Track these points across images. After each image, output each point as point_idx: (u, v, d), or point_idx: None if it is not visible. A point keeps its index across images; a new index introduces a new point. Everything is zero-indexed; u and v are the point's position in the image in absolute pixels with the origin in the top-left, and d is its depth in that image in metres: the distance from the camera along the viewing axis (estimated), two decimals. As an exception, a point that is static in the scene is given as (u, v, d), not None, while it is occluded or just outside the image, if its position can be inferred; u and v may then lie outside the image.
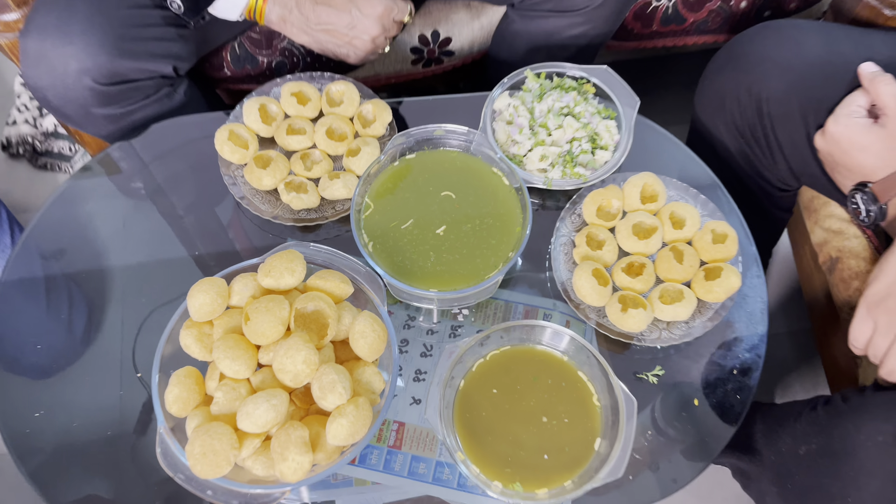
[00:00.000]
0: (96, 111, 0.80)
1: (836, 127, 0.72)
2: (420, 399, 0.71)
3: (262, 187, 0.75)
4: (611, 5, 0.84)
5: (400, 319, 0.74)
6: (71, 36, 0.76)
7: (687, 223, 0.73)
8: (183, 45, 0.85)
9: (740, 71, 0.81)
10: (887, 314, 0.64)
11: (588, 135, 0.77)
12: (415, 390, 0.71)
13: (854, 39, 0.79)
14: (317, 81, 0.82)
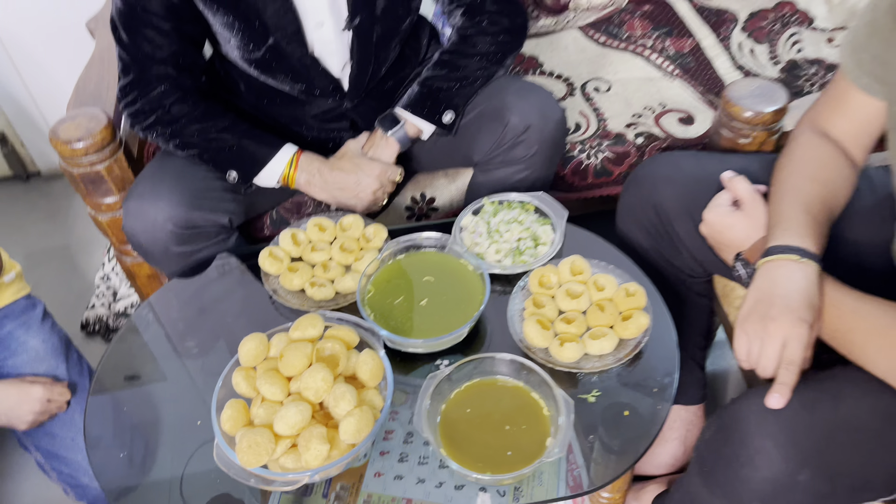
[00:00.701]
0: (173, 249, 1.10)
1: (710, 216, 1.00)
2: (424, 478, 0.86)
3: (292, 287, 1.02)
4: (542, 154, 1.17)
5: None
6: (160, 197, 1.09)
7: (607, 287, 0.98)
8: (236, 205, 1.18)
9: (642, 188, 1.11)
10: (753, 324, 0.86)
11: (530, 235, 1.05)
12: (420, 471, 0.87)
13: (718, 159, 1.09)
14: (334, 217, 1.13)
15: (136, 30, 1.10)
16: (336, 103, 1.22)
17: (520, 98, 1.15)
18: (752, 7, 1.64)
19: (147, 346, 1.05)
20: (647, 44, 1.58)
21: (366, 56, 1.17)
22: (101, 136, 1.17)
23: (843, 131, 1.00)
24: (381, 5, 1.13)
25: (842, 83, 0.98)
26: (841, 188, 0.98)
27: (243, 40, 1.13)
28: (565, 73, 1.54)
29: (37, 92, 1.88)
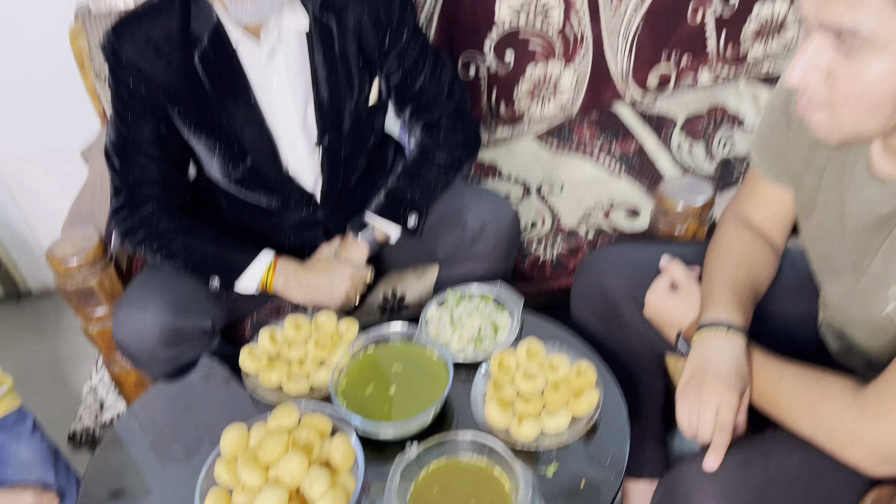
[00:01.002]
0: (160, 353, 1.18)
1: (651, 298, 1.10)
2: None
3: (270, 384, 1.10)
4: (499, 250, 1.28)
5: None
6: (148, 304, 1.18)
7: (560, 367, 1.06)
8: (218, 310, 1.27)
9: (590, 276, 1.22)
10: (690, 394, 0.95)
11: (490, 324, 1.14)
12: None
13: (656, 247, 1.21)
14: (309, 315, 1.22)
15: (128, 157, 1.22)
16: (310, 213, 1.34)
17: (475, 201, 1.28)
18: (688, 112, 1.81)
19: (131, 455, 1.10)
20: (596, 147, 1.74)
21: (335, 171, 1.30)
22: (94, 253, 1.28)
23: (761, 218, 1.12)
24: (348, 126, 1.27)
25: (754, 176, 1.11)
26: (763, 268, 1.09)
27: (224, 162, 1.26)
28: (522, 177, 1.68)
29: (31, 216, 2.00)
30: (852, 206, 0.91)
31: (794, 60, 0.75)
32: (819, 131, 0.79)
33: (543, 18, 1.76)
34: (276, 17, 1.14)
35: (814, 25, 0.72)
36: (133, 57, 1.15)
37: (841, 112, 0.74)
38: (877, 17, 0.67)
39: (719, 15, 1.85)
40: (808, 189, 0.99)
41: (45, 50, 1.71)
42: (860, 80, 0.71)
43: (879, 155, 0.87)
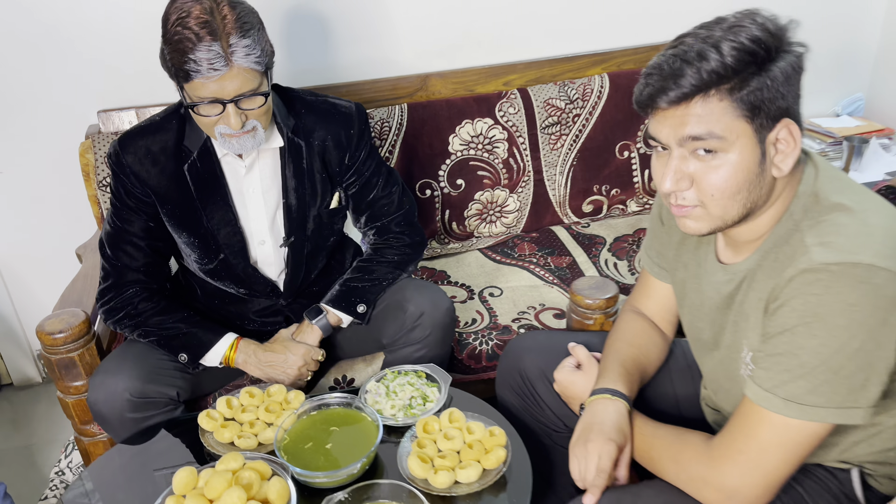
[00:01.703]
0: (128, 416, 1.34)
1: (558, 375, 1.29)
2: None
3: (223, 440, 1.25)
4: (435, 335, 1.47)
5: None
6: (121, 372, 1.35)
7: (476, 431, 1.23)
8: (184, 382, 1.44)
9: (510, 358, 1.40)
10: (578, 448, 1.12)
11: (420, 395, 1.32)
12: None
13: (567, 335, 1.41)
14: (262, 387, 1.38)
15: (119, 246, 1.44)
16: (273, 301, 1.54)
17: (416, 292, 1.49)
18: (616, 233, 2.07)
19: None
20: (534, 260, 1.97)
21: (298, 265, 1.52)
22: (79, 330, 1.46)
23: (651, 310, 1.34)
24: (311, 227, 1.50)
25: (644, 274, 1.34)
26: (651, 351, 1.29)
27: (201, 255, 1.47)
28: (468, 283, 1.90)
29: (22, 311, 2.17)
30: (707, 290, 1.12)
31: (662, 174, 0.98)
32: (691, 227, 1.00)
33: (490, 151, 2.06)
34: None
35: (674, 144, 0.95)
36: (133, 164, 1.39)
37: (711, 205, 0.96)
38: (724, 123, 0.91)
39: (643, 153, 2.16)
40: (680, 281, 1.21)
41: (55, 161, 1.97)
42: (720, 175, 0.94)
43: (723, 246, 1.10)
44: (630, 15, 2.19)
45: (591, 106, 2.10)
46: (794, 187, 1.00)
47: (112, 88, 1.93)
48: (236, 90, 1.24)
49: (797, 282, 0.92)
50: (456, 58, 2.11)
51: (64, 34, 1.86)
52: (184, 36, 1.20)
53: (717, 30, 0.92)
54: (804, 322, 0.91)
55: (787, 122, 0.94)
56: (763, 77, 0.90)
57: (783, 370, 0.94)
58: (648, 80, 0.95)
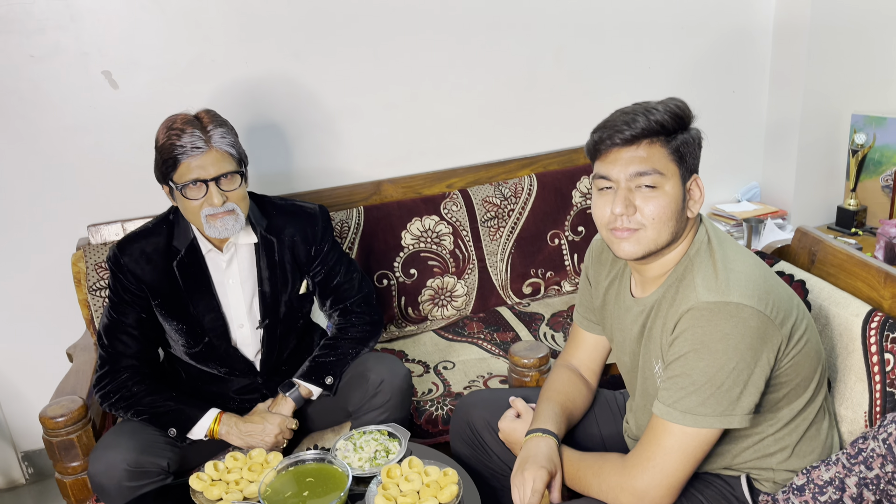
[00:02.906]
0: (125, 484, 1.51)
1: (501, 424, 1.52)
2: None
3: (212, 497, 1.43)
4: (395, 400, 1.68)
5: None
6: (119, 445, 1.53)
7: (431, 473, 1.44)
8: (174, 454, 1.62)
9: (459, 413, 1.63)
10: (516, 477, 1.33)
11: (383, 448, 1.53)
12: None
13: (507, 391, 1.64)
14: (244, 451, 1.57)
15: (115, 335, 1.65)
16: (251, 380, 1.76)
17: (376, 362, 1.72)
18: (553, 310, 2.35)
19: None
20: (482, 337, 2.22)
21: (272, 345, 1.74)
22: (77, 414, 1.64)
23: (580, 360, 1.59)
24: (283, 311, 1.74)
25: (575, 329, 1.60)
26: (578, 397, 1.53)
27: (187, 340, 1.69)
28: (424, 360, 2.14)
29: (9, 414, 2.32)
30: (626, 324, 1.39)
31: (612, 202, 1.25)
32: (628, 250, 1.26)
33: (438, 243, 2.34)
34: (234, 237, 1.66)
35: (623, 178, 1.24)
36: (130, 264, 1.63)
37: (650, 228, 1.23)
38: (663, 163, 1.22)
39: (571, 240, 2.47)
40: (608, 326, 1.48)
41: (46, 270, 2.18)
42: (658, 203, 1.22)
43: (634, 285, 1.38)
44: (551, 124, 2.56)
45: (523, 202, 2.42)
46: (691, 236, 1.30)
47: (100, 205, 2.18)
48: (216, 170, 1.53)
49: (687, 317, 1.20)
50: (404, 165, 2.44)
51: (58, 160, 2.13)
52: (172, 133, 1.53)
53: (650, 103, 1.26)
54: (694, 349, 1.19)
55: (696, 177, 1.27)
56: (686, 135, 1.25)
57: (679, 388, 1.20)
58: (602, 131, 1.25)
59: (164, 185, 1.59)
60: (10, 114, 2.06)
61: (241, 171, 1.58)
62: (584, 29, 2.50)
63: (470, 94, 2.45)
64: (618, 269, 1.46)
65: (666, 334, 1.25)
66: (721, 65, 2.70)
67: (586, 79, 2.56)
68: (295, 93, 2.27)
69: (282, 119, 2.28)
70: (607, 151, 1.26)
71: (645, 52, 2.59)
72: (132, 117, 2.13)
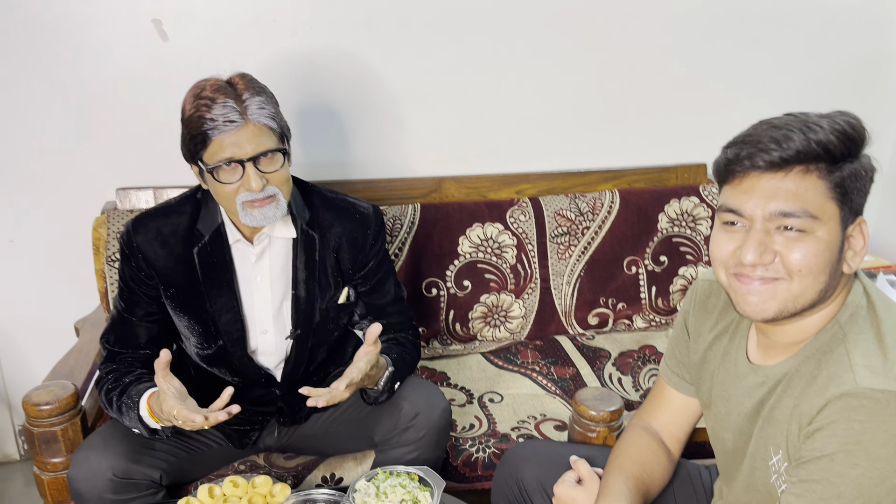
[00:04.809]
0: (107, 497, 1.27)
1: (558, 489, 1.23)
2: None
3: (202, 531, 1.19)
4: (430, 438, 1.42)
5: None
6: (107, 449, 1.30)
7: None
8: (168, 465, 1.38)
9: (508, 466, 1.35)
10: None
11: (411, 499, 1.25)
12: None
13: (569, 446, 1.36)
14: (247, 477, 1.32)
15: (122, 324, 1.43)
16: (268, 391, 1.50)
17: (412, 390, 1.45)
18: (621, 348, 2.04)
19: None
20: (536, 368, 1.94)
21: (300, 357, 1.48)
22: (66, 402, 1.41)
23: (662, 423, 1.30)
24: (317, 320, 1.47)
25: (661, 385, 1.31)
26: (656, 469, 1.24)
27: (199, 340, 1.44)
28: (468, 387, 1.86)
29: (10, 382, 2.13)
30: (736, 395, 1.09)
31: (728, 242, 0.96)
32: (757, 306, 0.95)
33: (499, 255, 2.07)
34: (269, 227, 1.39)
35: (759, 216, 0.93)
36: (142, 244, 1.39)
37: (797, 279, 0.93)
38: (818, 203, 0.90)
39: (651, 270, 2.16)
40: (706, 390, 1.18)
41: (67, 233, 1.98)
42: (809, 250, 0.91)
43: (754, 348, 1.08)
44: (643, 137, 2.25)
45: (601, 220, 2.13)
46: (843, 296, 0.98)
47: (132, 168, 1.97)
48: (254, 149, 1.26)
49: (839, 405, 0.89)
50: (471, 164, 2.17)
51: (94, 113, 1.92)
52: (201, 103, 1.26)
53: (810, 116, 0.93)
54: (845, 450, 0.88)
55: (861, 221, 0.94)
56: (856, 164, 0.91)
57: (818, 499, 0.90)
58: (740, 147, 0.94)
59: (192, 166, 1.34)
60: (46, 54, 1.86)
61: (283, 148, 1.32)
62: (694, 33, 2.18)
63: (555, 93, 2.16)
64: (730, 322, 1.16)
65: (799, 421, 0.95)
66: (845, 91, 2.34)
67: (689, 89, 2.24)
68: (359, 68, 2.01)
69: (341, 98, 2.03)
70: (743, 175, 0.94)
71: (760, 68, 2.25)
72: (179, 74, 1.89)
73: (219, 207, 1.40)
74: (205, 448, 1.48)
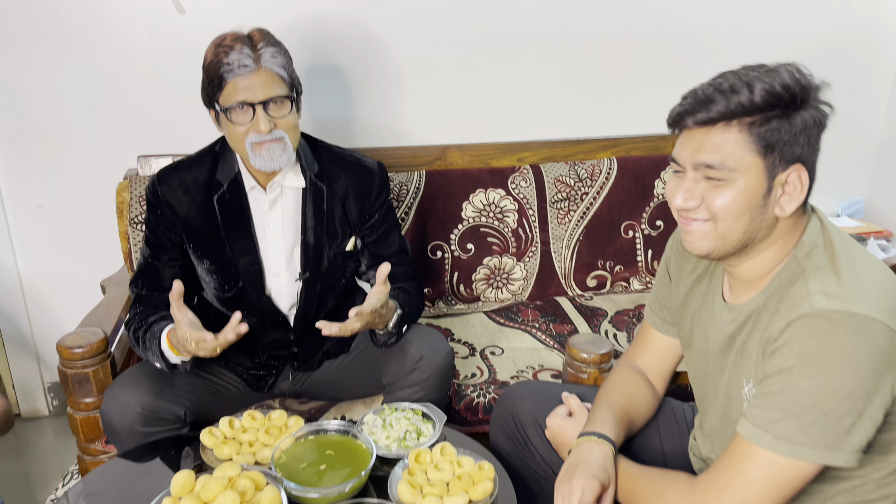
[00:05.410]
0: (137, 429, 1.39)
1: (550, 421, 1.34)
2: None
3: (222, 456, 1.30)
4: (434, 379, 1.52)
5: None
6: (135, 386, 1.41)
7: (465, 464, 1.27)
8: (192, 404, 1.49)
9: (504, 403, 1.45)
10: (563, 484, 1.15)
11: (415, 429, 1.36)
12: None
13: (561, 385, 1.46)
14: (264, 412, 1.43)
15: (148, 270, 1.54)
16: (283, 335, 1.61)
17: (417, 336, 1.55)
18: (618, 307, 2.14)
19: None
20: (536, 325, 2.04)
21: (310, 301, 1.59)
22: (97, 347, 1.53)
23: (647, 362, 1.39)
24: (325, 266, 1.58)
25: (645, 328, 1.40)
26: (641, 403, 1.34)
27: (219, 283, 1.55)
28: (471, 341, 1.97)
29: (40, 340, 2.25)
30: (712, 332, 1.18)
31: (674, 193, 1.07)
32: (693, 244, 1.07)
33: (501, 220, 2.16)
34: (280, 176, 1.51)
35: (689, 166, 1.04)
36: (167, 194, 1.50)
37: (717, 222, 1.03)
38: (737, 156, 1.00)
39: (647, 234, 2.25)
40: (686, 330, 1.28)
41: (92, 198, 2.10)
42: (726, 196, 1.02)
43: (728, 289, 1.17)
44: (640, 106, 2.33)
45: (599, 186, 2.22)
46: (797, 234, 1.07)
47: (153, 136, 2.08)
48: (265, 93, 1.38)
49: (797, 325, 0.98)
50: (474, 132, 2.26)
51: (116, 85, 2.03)
52: (220, 50, 1.40)
53: (755, 71, 1.02)
54: (801, 363, 0.97)
55: (798, 168, 1.02)
56: (784, 121, 1.00)
57: (776, 408, 0.99)
58: (683, 102, 1.05)
59: (210, 110, 1.47)
60: (72, 29, 1.97)
61: (291, 96, 1.44)
62: (691, 4, 2.26)
63: (556, 63, 2.25)
64: (707, 265, 1.25)
65: (764, 348, 1.04)
66: (839, 61, 2.42)
67: (686, 59, 2.32)
68: (366, 36, 2.11)
69: (348, 64, 2.14)
70: (682, 129, 1.06)
71: (755, 37, 2.33)
72: (195, 47, 1.97)
73: (236, 158, 1.51)
74: (224, 391, 1.59)
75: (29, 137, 2.06)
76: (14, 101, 2.02)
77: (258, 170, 1.46)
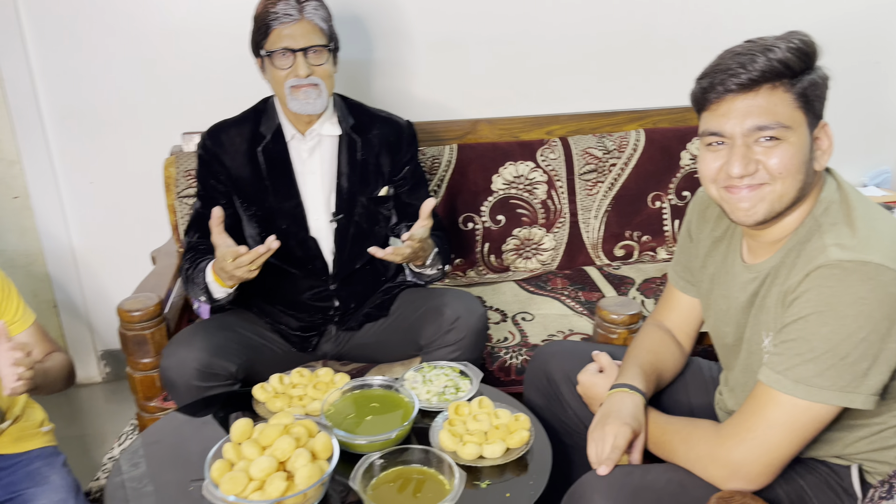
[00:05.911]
0: (194, 383, 1.49)
1: (581, 377, 1.41)
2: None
3: (274, 409, 1.39)
4: (469, 339, 1.60)
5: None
6: (191, 344, 1.51)
7: (502, 416, 1.35)
8: (242, 361, 1.58)
9: (538, 361, 1.53)
10: (596, 431, 1.22)
11: (453, 385, 1.45)
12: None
13: (591, 345, 1.53)
14: (312, 368, 1.53)
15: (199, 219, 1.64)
16: (324, 284, 1.70)
17: (453, 298, 1.64)
18: (645, 276, 2.20)
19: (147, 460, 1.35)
20: (566, 293, 2.10)
21: (344, 245, 1.69)
22: (153, 310, 1.64)
23: (673, 322, 1.46)
24: (359, 211, 1.69)
25: (669, 288, 1.47)
26: (668, 359, 1.41)
27: (264, 228, 1.65)
28: (502, 308, 2.04)
29: (93, 309, 2.37)
30: (733, 291, 1.24)
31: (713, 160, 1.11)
32: (748, 211, 1.09)
33: (530, 192, 2.23)
34: (318, 124, 1.63)
35: (738, 135, 1.07)
36: (216, 149, 1.65)
37: (779, 182, 1.07)
38: (787, 113, 1.05)
39: (674, 204, 2.30)
40: (706, 291, 1.34)
41: (141, 174, 2.20)
42: (786, 154, 1.06)
43: (747, 250, 1.23)
44: (667, 79, 2.37)
45: (627, 157, 2.27)
46: (817, 193, 1.13)
47: (196, 113, 2.16)
48: (306, 42, 1.53)
49: (813, 276, 1.04)
50: (504, 106, 2.32)
51: (161, 63, 2.13)
52: (268, 2, 1.55)
53: (767, 39, 1.07)
54: (817, 311, 1.03)
55: (824, 124, 1.09)
56: (813, 75, 1.06)
57: (794, 354, 1.05)
58: (712, 76, 1.07)
59: (257, 59, 1.62)
60: (118, 10, 2.06)
61: (329, 46, 1.58)
62: (717, -22, 2.29)
63: (583, 38, 2.30)
64: (725, 228, 1.31)
65: (783, 300, 1.10)
66: (867, 30, 2.43)
67: (710, 31, 2.35)
68: (398, 12, 2.18)
69: (380, 40, 2.21)
70: (719, 100, 1.08)
71: (782, 7, 2.36)
72: (237, 27, 2.08)
73: (276, 112, 1.65)
74: (271, 352, 1.69)
75: (80, 118, 2.16)
76: (65, 83, 2.12)
77: (295, 112, 1.59)
